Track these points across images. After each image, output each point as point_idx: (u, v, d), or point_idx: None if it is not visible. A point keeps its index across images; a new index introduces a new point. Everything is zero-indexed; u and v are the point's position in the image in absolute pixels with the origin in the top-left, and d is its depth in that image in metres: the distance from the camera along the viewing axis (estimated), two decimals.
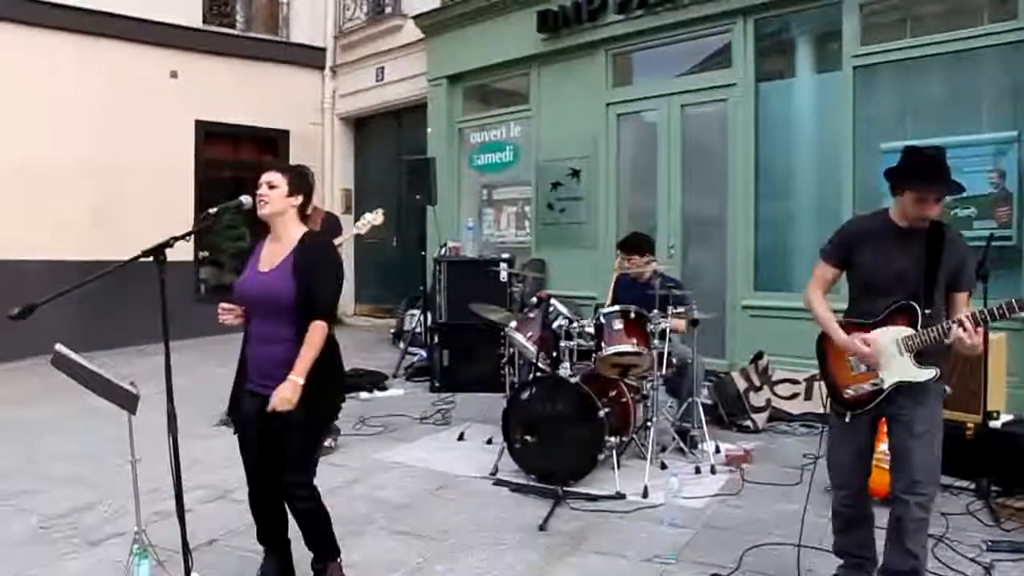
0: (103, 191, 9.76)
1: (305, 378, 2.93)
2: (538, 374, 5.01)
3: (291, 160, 10.64)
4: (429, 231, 9.17)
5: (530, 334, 5.09)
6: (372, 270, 12.03)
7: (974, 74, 6.03)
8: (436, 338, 7.47)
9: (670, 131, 7.74)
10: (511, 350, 5.69)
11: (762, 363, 6.09)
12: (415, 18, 10.24)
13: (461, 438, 5.65)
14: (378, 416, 6.28)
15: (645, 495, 4.37)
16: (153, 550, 3.12)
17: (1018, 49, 5.72)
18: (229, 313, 3.12)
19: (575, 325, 5.01)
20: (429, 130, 10.19)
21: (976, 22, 5.99)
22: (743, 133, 7.15)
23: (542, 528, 3.97)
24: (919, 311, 2.78)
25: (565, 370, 4.78)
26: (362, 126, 12.40)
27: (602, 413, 4.50)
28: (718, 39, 7.47)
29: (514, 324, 5.23)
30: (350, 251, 11.68)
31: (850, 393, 2.95)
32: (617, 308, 4.90)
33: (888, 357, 2.84)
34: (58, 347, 2.93)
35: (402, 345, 8.91)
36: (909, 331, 2.81)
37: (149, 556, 3.10)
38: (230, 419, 3.66)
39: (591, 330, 4.94)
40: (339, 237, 5.06)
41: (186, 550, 2.73)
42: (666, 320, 4.92)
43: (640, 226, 7.07)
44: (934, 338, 2.74)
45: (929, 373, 2.80)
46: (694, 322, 5.16)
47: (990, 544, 3.61)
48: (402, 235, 11.11)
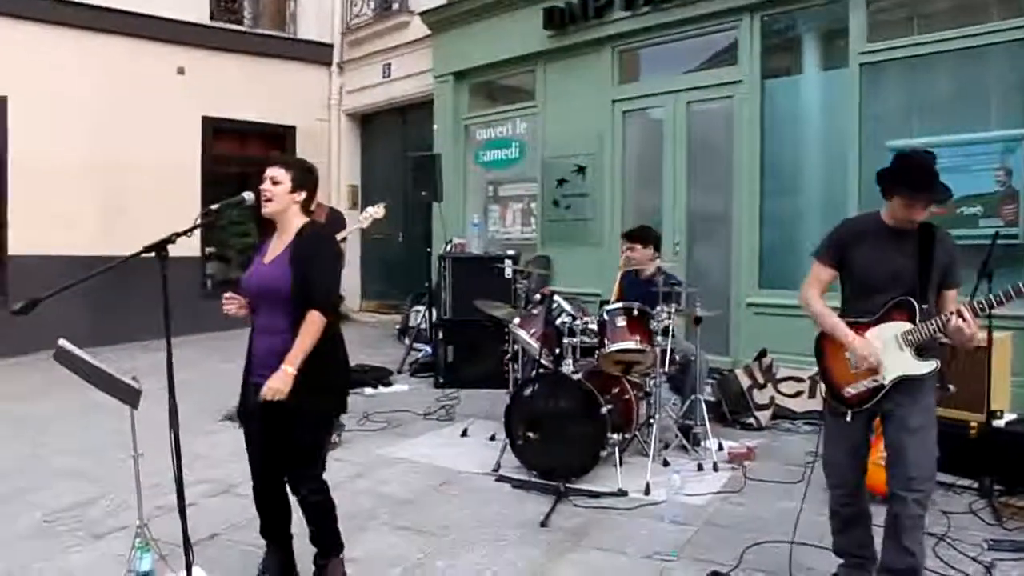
0: (111, 187, 9.80)
1: (305, 370, 2.93)
2: (541, 371, 5.01)
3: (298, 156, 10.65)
4: (435, 227, 9.18)
5: (533, 331, 5.09)
6: (378, 266, 12.05)
7: (981, 71, 5.99)
8: (441, 334, 7.48)
9: (676, 128, 7.73)
10: (515, 346, 5.69)
11: (766, 361, 6.08)
12: (422, 15, 10.23)
13: (464, 434, 5.67)
14: (382, 412, 6.30)
15: (647, 492, 4.37)
16: (155, 544, 3.14)
17: None
18: (232, 302, 3.14)
19: (578, 322, 5.02)
20: (435, 126, 10.19)
21: (984, 19, 5.94)
22: (749, 130, 7.12)
23: (543, 524, 3.97)
24: (917, 306, 2.83)
25: (568, 367, 4.78)
26: (368, 122, 12.40)
27: (604, 410, 4.50)
28: (724, 36, 7.43)
29: (518, 321, 5.24)
30: (356, 247, 11.72)
31: (851, 392, 2.96)
32: (620, 305, 4.91)
33: (889, 353, 2.87)
34: (61, 342, 2.96)
35: (407, 341, 8.93)
36: (908, 326, 2.85)
37: (151, 550, 3.12)
38: (236, 414, 3.68)
39: (594, 327, 4.94)
40: (342, 232, 5.07)
41: (187, 544, 2.74)
42: (670, 318, 4.92)
43: (645, 223, 7.05)
44: (933, 331, 2.80)
45: (929, 366, 2.85)
46: (697, 319, 5.15)
47: (992, 543, 3.60)
48: (408, 231, 11.12)
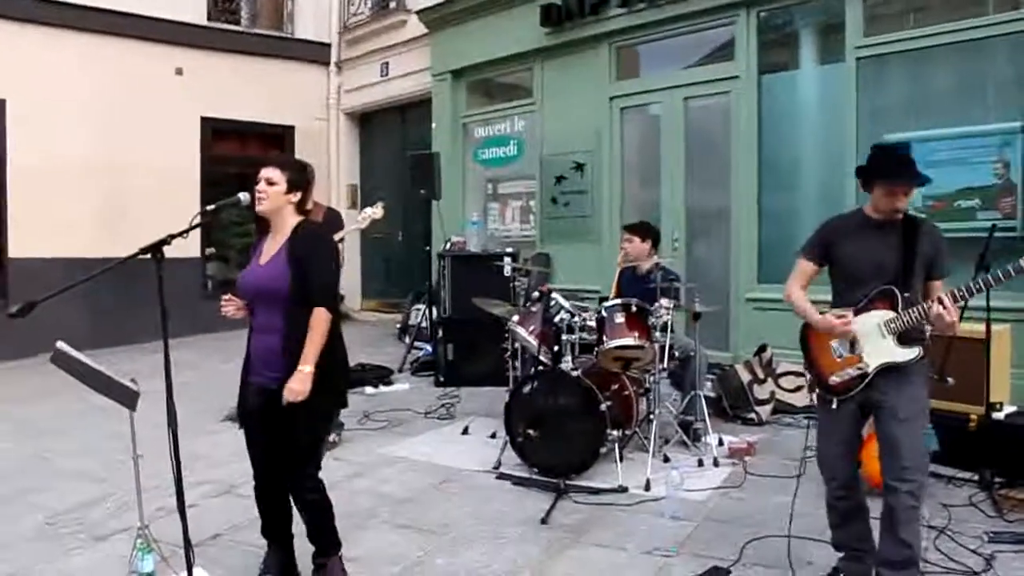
0: (110, 189, 9.80)
1: (300, 364, 2.95)
2: (540, 368, 5.02)
3: (296, 156, 10.64)
4: (434, 226, 9.19)
5: (532, 328, 5.10)
6: (378, 265, 12.05)
7: (979, 65, 5.98)
8: (441, 333, 7.48)
9: (674, 124, 7.73)
10: (515, 344, 5.70)
11: (766, 355, 6.09)
12: (419, 13, 10.22)
13: (465, 432, 5.68)
14: (383, 411, 6.31)
15: (647, 488, 4.38)
16: (157, 545, 3.15)
17: None
18: (230, 304, 3.15)
19: (576, 319, 5.02)
20: (433, 125, 10.19)
21: (981, 12, 5.94)
22: (746, 126, 7.12)
23: (544, 521, 3.98)
24: (899, 295, 2.90)
25: (567, 364, 4.79)
26: (367, 121, 12.40)
27: (604, 407, 4.50)
28: (721, 31, 7.43)
29: (516, 318, 5.24)
30: (357, 246, 11.73)
31: (836, 380, 3.03)
32: (618, 302, 4.91)
33: (872, 341, 2.93)
34: (59, 344, 2.96)
35: (407, 340, 8.93)
36: (891, 314, 2.91)
37: (153, 551, 3.13)
38: (237, 414, 3.69)
39: (593, 324, 4.94)
40: (339, 232, 5.07)
41: (188, 545, 2.75)
42: (668, 313, 4.92)
43: (644, 219, 7.05)
44: (915, 319, 2.85)
45: (912, 353, 2.89)
46: (696, 315, 5.15)
47: (992, 535, 3.62)
48: (408, 230, 11.11)
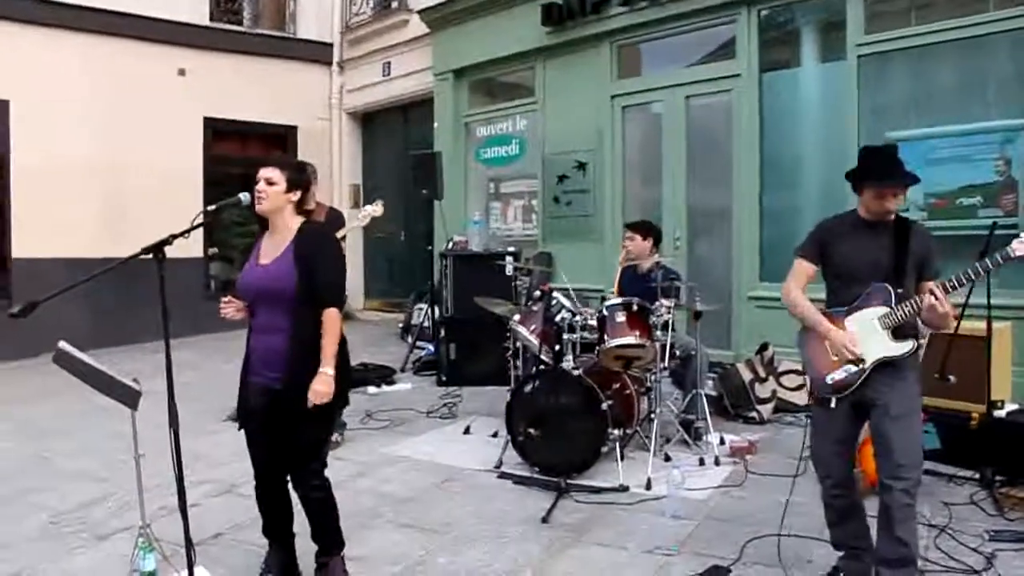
0: (112, 189, 9.82)
1: (308, 369, 2.97)
2: (541, 367, 5.02)
3: (299, 156, 10.67)
4: (436, 225, 9.20)
5: (533, 327, 5.10)
6: (381, 265, 12.06)
7: (981, 62, 5.97)
8: (443, 332, 7.49)
9: (675, 122, 7.73)
10: (516, 344, 5.70)
11: (767, 354, 6.08)
12: (421, 13, 10.24)
13: (467, 432, 5.69)
14: (385, 410, 6.32)
15: (648, 487, 4.39)
16: (158, 544, 3.16)
17: None
18: (230, 306, 3.16)
19: (578, 318, 5.02)
20: (435, 124, 10.20)
21: (983, 9, 5.92)
22: (748, 124, 7.12)
23: (545, 520, 3.99)
24: (891, 290, 2.94)
25: (568, 363, 4.79)
26: (369, 121, 12.41)
27: (605, 406, 4.51)
28: (722, 30, 7.43)
29: (518, 318, 5.25)
30: (359, 246, 11.75)
31: (833, 378, 3.04)
32: (619, 301, 4.91)
33: (868, 337, 2.96)
34: (61, 344, 2.97)
35: (410, 339, 8.94)
36: (885, 310, 2.95)
37: (155, 550, 3.14)
38: (237, 414, 3.69)
39: (594, 323, 4.95)
40: (341, 230, 5.09)
41: (189, 544, 2.76)
42: (669, 312, 4.92)
43: (646, 218, 7.05)
44: (909, 312, 2.89)
45: (906, 346, 2.93)
46: (697, 314, 5.16)
47: (993, 534, 3.61)
48: (410, 230, 11.12)
